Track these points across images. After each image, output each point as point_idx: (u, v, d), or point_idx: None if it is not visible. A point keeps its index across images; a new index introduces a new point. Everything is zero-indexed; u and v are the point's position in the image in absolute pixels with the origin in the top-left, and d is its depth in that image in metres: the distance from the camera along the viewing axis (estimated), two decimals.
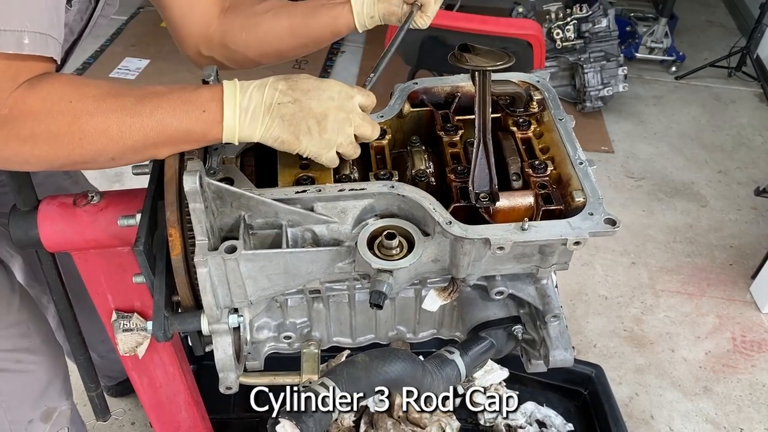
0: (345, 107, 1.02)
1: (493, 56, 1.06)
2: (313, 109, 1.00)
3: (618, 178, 3.55)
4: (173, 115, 0.97)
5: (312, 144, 1.02)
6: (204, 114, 0.98)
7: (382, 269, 1.01)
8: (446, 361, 1.16)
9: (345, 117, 1.02)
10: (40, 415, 1.50)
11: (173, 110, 0.97)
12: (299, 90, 1.01)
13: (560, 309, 1.15)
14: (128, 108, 0.96)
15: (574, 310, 2.79)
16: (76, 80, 0.98)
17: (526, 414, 2.10)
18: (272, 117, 0.99)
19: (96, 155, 0.97)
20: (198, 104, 0.98)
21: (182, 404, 1.50)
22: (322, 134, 1.01)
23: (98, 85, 0.97)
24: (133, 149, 0.98)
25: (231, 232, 1.06)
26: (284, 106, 0.99)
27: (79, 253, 1.20)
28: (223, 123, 0.98)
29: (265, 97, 0.99)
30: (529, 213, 1.10)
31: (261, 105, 0.99)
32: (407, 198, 1.05)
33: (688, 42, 4.79)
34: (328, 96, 1.01)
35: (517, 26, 3.08)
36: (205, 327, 1.07)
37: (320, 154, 1.03)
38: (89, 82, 0.98)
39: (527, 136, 1.20)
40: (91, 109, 0.94)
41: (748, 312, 2.84)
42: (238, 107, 0.98)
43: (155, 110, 0.97)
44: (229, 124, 0.98)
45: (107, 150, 0.97)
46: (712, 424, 2.40)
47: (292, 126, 1.00)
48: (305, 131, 1.00)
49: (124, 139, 0.96)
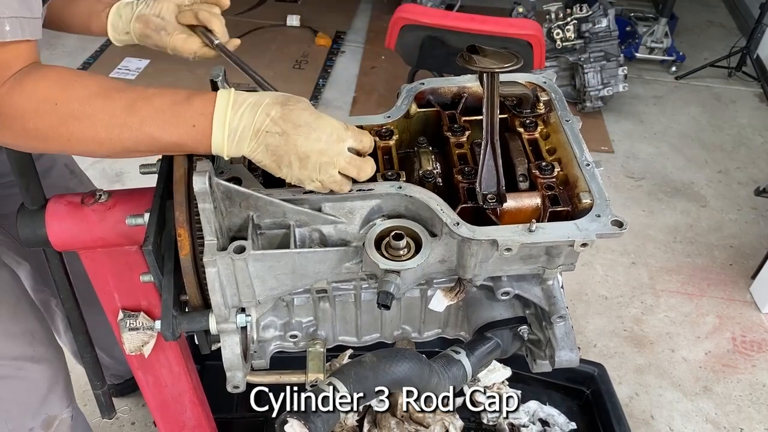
0: (330, 151, 1.00)
1: (500, 57, 1.06)
2: (297, 146, 0.99)
3: (618, 178, 3.56)
4: (162, 129, 0.97)
5: (292, 176, 1.01)
6: (194, 129, 0.97)
7: (390, 270, 1.02)
8: (453, 361, 1.16)
9: (328, 161, 1.00)
10: (41, 423, 1.48)
11: (163, 123, 0.97)
12: (290, 123, 0.98)
13: (566, 310, 1.16)
14: (117, 116, 0.95)
15: (575, 310, 2.80)
16: (64, 78, 0.96)
17: (529, 413, 2.11)
18: (258, 143, 0.98)
19: (88, 154, 1.00)
20: (188, 118, 0.97)
21: (187, 403, 1.50)
22: (302, 171, 1.00)
23: (86, 85, 0.96)
24: (124, 153, 0.99)
25: (239, 232, 1.06)
26: (271, 135, 0.98)
27: (86, 252, 1.20)
28: (211, 140, 0.98)
29: (255, 121, 0.98)
30: (536, 214, 1.10)
31: (250, 128, 0.98)
32: (415, 199, 1.05)
33: (688, 42, 4.80)
34: (316, 137, 0.99)
35: (517, 26, 3.09)
36: (213, 326, 1.07)
37: (303, 184, 1.03)
38: (77, 81, 0.96)
39: (534, 137, 1.21)
40: (77, 114, 0.94)
41: (748, 312, 2.85)
42: (227, 127, 0.97)
43: (144, 122, 0.96)
44: (218, 142, 0.98)
45: (98, 152, 0.99)
46: (712, 424, 2.41)
47: (275, 156, 0.99)
48: (287, 164, 1.00)
49: (113, 146, 0.97)
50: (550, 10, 3.87)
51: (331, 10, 4.97)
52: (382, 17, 4.82)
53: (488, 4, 4.89)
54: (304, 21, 4.73)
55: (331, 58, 4.42)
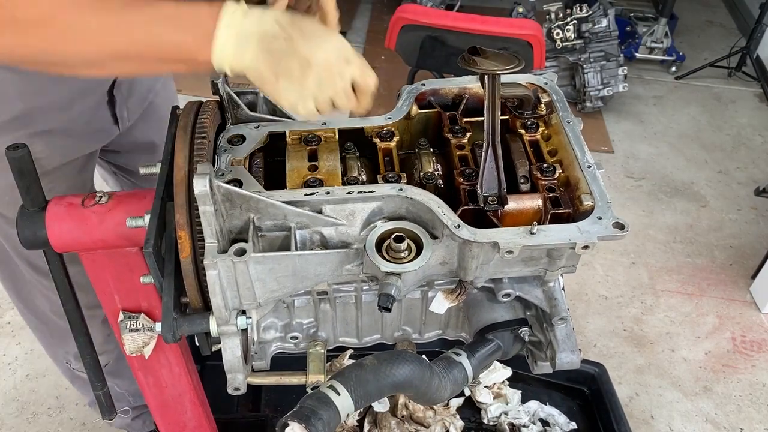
0: (334, 66, 0.95)
1: (502, 59, 1.06)
2: (301, 50, 0.92)
3: (618, 178, 3.56)
4: (164, 25, 0.90)
5: (289, 91, 0.94)
6: (197, 29, 0.91)
7: (391, 272, 1.02)
8: (453, 363, 1.16)
9: (329, 75, 0.95)
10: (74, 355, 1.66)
11: (165, 20, 0.90)
12: (298, 29, 0.93)
13: (567, 312, 1.16)
14: (114, 9, 0.88)
15: (575, 310, 2.80)
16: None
17: (529, 413, 2.11)
18: (261, 48, 0.92)
19: (70, 55, 0.90)
20: (193, 19, 0.91)
21: (188, 404, 1.50)
22: (301, 81, 0.93)
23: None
24: (114, 56, 0.90)
25: (240, 234, 1.06)
26: (276, 40, 0.92)
27: (86, 254, 1.20)
28: (214, 42, 0.91)
29: (262, 23, 0.93)
30: (537, 216, 1.10)
31: (256, 33, 0.92)
32: (415, 201, 1.05)
33: (688, 42, 4.80)
34: (322, 46, 0.94)
35: (517, 26, 3.08)
36: (214, 329, 1.07)
37: (296, 103, 0.96)
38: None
39: (535, 138, 1.21)
40: (68, 4, 0.87)
41: (748, 312, 2.85)
42: (233, 29, 0.91)
43: (145, 16, 0.89)
44: (220, 45, 0.91)
45: (84, 51, 0.89)
46: (712, 424, 2.41)
47: (275, 63, 0.92)
48: (286, 72, 0.93)
49: (105, 42, 0.89)
50: (550, 10, 3.87)
51: None
52: (382, 17, 4.81)
53: (488, 4, 4.89)
54: None
55: None
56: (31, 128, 1.33)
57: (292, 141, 1.20)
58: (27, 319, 1.80)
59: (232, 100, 1.20)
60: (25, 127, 1.32)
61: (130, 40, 0.90)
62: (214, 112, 1.15)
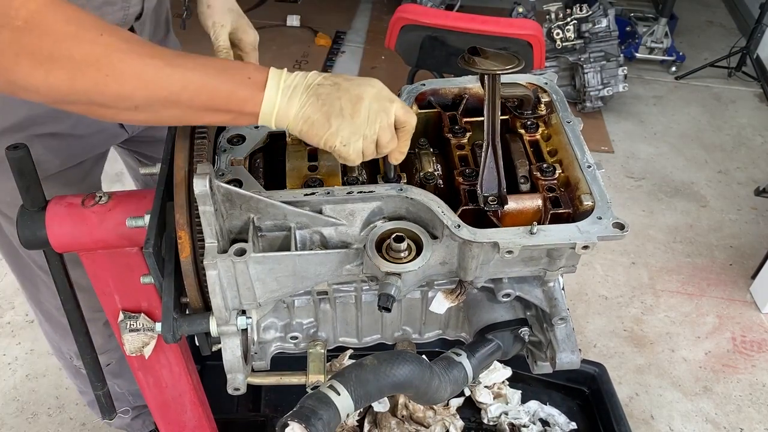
0: (382, 100, 1.00)
1: (502, 59, 1.06)
2: (350, 90, 0.98)
3: (618, 178, 3.56)
4: (216, 74, 0.94)
5: (343, 128, 0.98)
6: (249, 80, 0.95)
7: (391, 272, 1.02)
8: (453, 363, 1.16)
9: (380, 108, 0.99)
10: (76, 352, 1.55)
11: (217, 70, 0.95)
12: (341, 78, 1.00)
13: (567, 311, 1.16)
14: (167, 58, 0.91)
15: (575, 310, 2.80)
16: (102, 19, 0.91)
17: (529, 413, 2.11)
18: (308, 95, 0.97)
19: (119, 99, 0.90)
20: (243, 72, 0.96)
21: (188, 404, 1.50)
22: (354, 117, 0.97)
23: (129, 34, 0.92)
24: (164, 100, 0.92)
25: (240, 234, 1.06)
26: (323, 86, 0.98)
27: (86, 254, 1.20)
28: (264, 93, 0.96)
29: (307, 78, 0.98)
30: (537, 216, 1.10)
31: (302, 84, 0.98)
32: (415, 201, 1.05)
33: (688, 42, 4.80)
34: (368, 84, 1.00)
35: (517, 26, 3.08)
36: (214, 329, 1.07)
37: (348, 142, 0.99)
38: (118, 27, 0.91)
39: (535, 138, 1.21)
40: (124, 48, 0.88)
41: (748, 312, 2.85)
42: (282, 82, 0.97)
43: (198, 66, 0.93)
44: (271, 96, 0.96)
45: (135, 95, 0.90)
46: (712, 424, 2.41)
47: (325, 105, 0.97)
48: (338, 112, 0.97)
49: (158, 87, 0.90)
50: (550, 10, 3.87)
51: (331, 10, 4.97)
52: (382, 17, 4.82)
53: (488, 4, 4.89)
54: (304, 21, 4.73)
55: (331, 59, 4.42)
56: (32, 131, 1.33)
57: (292, 141, 1.20)
58: (35, 313, 1.83)
59: None
60: (25, 130, 1.33)
61: (182, 85, 0.91)
62: None
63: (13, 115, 1.31)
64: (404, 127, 1.03)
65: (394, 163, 1.08)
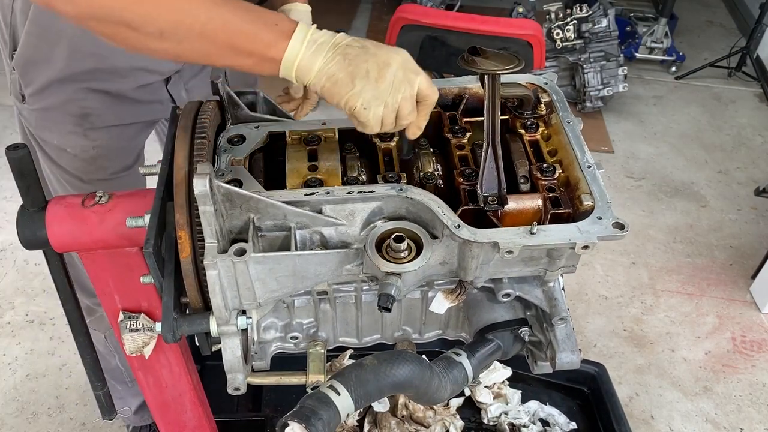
0: (408, 70, 1.00)
1: (502, 59, 1.06)
2: (377, 54, 0.98)
3: (618, 178, 3.56)
4: (244, 15, 0.95)
5: (366, 90, 0.98)
6: (276, 27, 0.96)
7: (391, 272, 1.02)
8: (453, 363, 1.16)
9: (404, 78, 0.99)
10: (85, 308, 1.58)
11: (247, 11, 0.96)
12: (370, 42, 1.00)
13: (567, 311, 1.16)
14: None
15: (575, 310, 2.80)
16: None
17: (529, 413, 2.11)
18: (335, 53, 0.97)
19: (147, 20, 0.92)
20: (273, 18, 0.97)
21: (188, 404, 1.50)
22: (379, 82, 0.98)
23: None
24: (189, 30, 0.93)
25: (240, 234, 1.06)
26: (351, 47, 0.98)
27: (86, 254, 1.20)
28: (289, 41, 0.96)
29: (336, 38, 0.99)
30: (537, 216, 1.10)
31: (329, 42, 0.98)
32: (415, 201, 1.05)
33: (688, 42, 4.80)
34: (396, 52, 1.00)
35: (517, 26, 3.08)
36: (214, 329, 1.07)
37: (369, 106, 0.99)
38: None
39: (535, 138, 1.21)
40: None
41: (748, 312, 2.85)
42: (309, 35, 0.97)
43: (228, 3, 0.94)
44: (295, 46, 0.96)
45: (162, 18, 0.92)
46: (712, 424, 2.42)
47: (351, 65, 0.97)
48: (363, 74, 0.97)
49: (185, 14, 0.92)
50: (550, 10, 3.88)
51: (331, 10, 4.96)
52: (382, 17, 4.82)
53: (488, 4, 4.89)
54: None
55: None
56: (91, 85, 1.41)
57: (292, 141, 1.20)
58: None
59: (231, 100, 1.20)
60: (85, 82, 1.40)
61: (209, 17, 0.93)
62: (214, 112, 1.15)
63: (80, 65, 1.37)
64: (426, 101, 1.03)
65: (411, 137, 1.08)
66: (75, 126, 1.45)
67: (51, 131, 1.47)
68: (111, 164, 1.54)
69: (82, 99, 1.42)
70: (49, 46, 1.35)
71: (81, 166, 1.51)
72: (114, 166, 1.54)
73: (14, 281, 2.86)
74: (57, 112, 1.43)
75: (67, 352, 2.55)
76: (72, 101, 1.42)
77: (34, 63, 1.37)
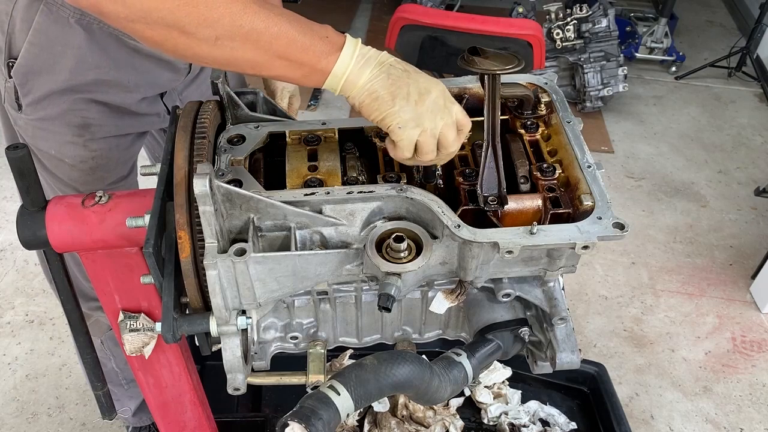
0: (446, 99, 1.02)
1: (502, 59, 1.06)
2: (419, 81, 1.01)
3: (618, 178, 3.56)
4: (299, 26, 0.97)
5: (405, 111, 0.99)
6: (327, 39, 0.99)
7: (391, 272, 1.02)
8: (453, 363, 1.16)
9: (444, 105, 1.02)
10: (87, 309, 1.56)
11: (300, 22, 0.98)
12: (411, 67, 1.02)
13: (567, 311, 1.16)
14: (249, 3, 0.94)
15: (575, 310, 2.80)
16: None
17: (529, 413, 2.11)
18: (381, 70, 0.99)
19: (204, 23, 0.92)
20: (324, 32, 1.00)
21: (188, 404, 1.50)
22: (418, 105, 1.00)
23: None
24: (246, 38, 0.94)
25: (240, 234, 1.06)
26: (394, 68, 1.00)
27: (86, 254, 1.20)
28: (340, 53, 0.98)
29: (381, 55, 1.01)
30: (537, 216, 1.10)
31: (376, 58, 1.00)
32: (416, 201, 1.05)
33: (688, 42, 4.80)
34: (434, 82, 1.03)
35: (517, 26, 3.08)
36: (214, 329, 1.07)
37: (405, 126, 1.00)
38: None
39: (535, 138, 1.21)
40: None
41: (748, 312, 2.85)
42: (358, 49, 0.99)
43: (284, 14, 0.97)
44: (345, 59, 0.98)
45: (220, 23, 0.92)
46: (712, 424, 2.41)
47: (394, 85, 0.99)
48: (404, 95, 0.99)
49: (243, 20, 0.93)
50: (550, 10, 3.88)
51: (331, 10, 4.96)
52: (382, 17, 4.82)
53: (488, 4, 4.89)
54: None
55: None
56: (93, 96, 1.40)
57: (292, 141, 1.20)
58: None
59: (231, 100, 1.20)
60: (88, 93, 1.39)
61: (266, 25, 0.94)
62: (214, 112, 1.15)
63: (83, 76, 1.36)
64: (462, 129, 1.05)
65: (440, 163, 1.10)
66: (75, 136, 1.43)
67: (48, 141, 1.44)
68: (109, 174, 1.52)
69: (83, 109, 1.40)
70: (53, 57, 1.33)
71: (78, 177, 1.49)
72: (111, 177, 1.53)
73: (14, 281, 2.86)
74: (56, 122, 1.40)
75: (67, 352, 2.55)
76: (73, 111, 1.40)
77: (36, 73, 1.35)
